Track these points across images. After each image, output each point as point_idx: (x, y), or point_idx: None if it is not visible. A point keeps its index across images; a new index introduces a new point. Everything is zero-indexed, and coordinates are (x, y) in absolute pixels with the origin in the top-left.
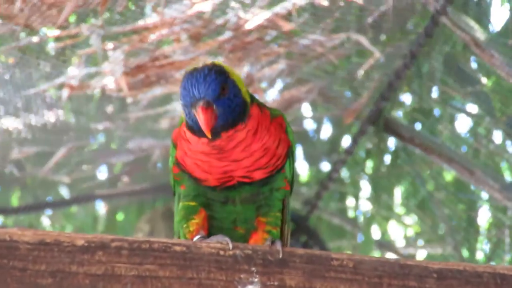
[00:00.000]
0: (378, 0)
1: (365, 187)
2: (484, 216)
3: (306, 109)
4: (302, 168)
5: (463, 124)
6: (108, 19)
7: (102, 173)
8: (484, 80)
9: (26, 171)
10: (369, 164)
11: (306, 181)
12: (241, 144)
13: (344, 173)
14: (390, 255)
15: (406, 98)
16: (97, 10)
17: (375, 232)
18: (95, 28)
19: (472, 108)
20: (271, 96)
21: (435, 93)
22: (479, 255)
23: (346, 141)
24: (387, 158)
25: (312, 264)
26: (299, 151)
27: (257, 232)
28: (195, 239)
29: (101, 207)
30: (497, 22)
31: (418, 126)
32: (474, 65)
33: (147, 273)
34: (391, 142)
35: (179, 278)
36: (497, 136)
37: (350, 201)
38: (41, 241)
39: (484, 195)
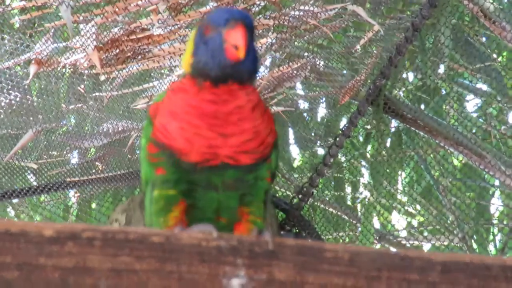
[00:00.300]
0: None
1: (364, 173)
2: (495, 205)
3: (297, 87)
4: (294, 152)
5: (472, 104)
6: None
7: (73, 159)
8: (494, 55)
9: None
10: (369, 148)
11: (298, 167)
12: (237, 111)
13: (341, 158)
14: (391, 248)
15: (408, 75)
16: None
17: (375, 223)
18: None
19: (482, 86)
20: (258, 73)
21: (440, 69)
22: (490, 247)
23: (344, 123)
24: (388, 142)
25: (304, 256)
26: (290, 133)
27: (241, 223)
28: (175, 230)
29: (72, 196)
30: None
31: (422, 106)
32: (483, 38)
33: (122, 266)
34: (393, 124)
35: (157, 271)
36: (510, 117)
37: (347, 189)
38: (6, 231)
39: (495, 181)
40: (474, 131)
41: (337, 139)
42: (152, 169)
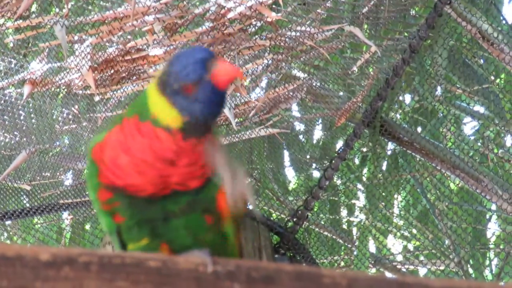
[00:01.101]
0: None
1: (360, 197)
2: (491, 229)
3: (293, 109)
4: (289, 175)
5: (469, 127)
6: (74, 8)
7: (67, 180)
8: (492, 77)
9: None
10: (365, 171)
11: (293, 189)
12: (188, 156)
13: (337, 181)
14: (387, 272)
15: (405, 97)
16: None
17: (371, 247)
18: (59, 18)
19: (480, 108)
20: (254, 95)
21: (438, 91)
22: (486, 272)
23: (340, 145)
24: (384, 165)
25: (301, 282)
26: (285, 156)
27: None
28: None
29: (66, 218)
30: (508, 13)
31: (419, 128)
32: (481, 60)
33: None
34: (389, 146)
35: None
36: (507, 140)
37: (343, 212)
38: (2, 255)
39: (492, 206)
40: (471, 154)
41: (333, 161)
42: (110, 218)
